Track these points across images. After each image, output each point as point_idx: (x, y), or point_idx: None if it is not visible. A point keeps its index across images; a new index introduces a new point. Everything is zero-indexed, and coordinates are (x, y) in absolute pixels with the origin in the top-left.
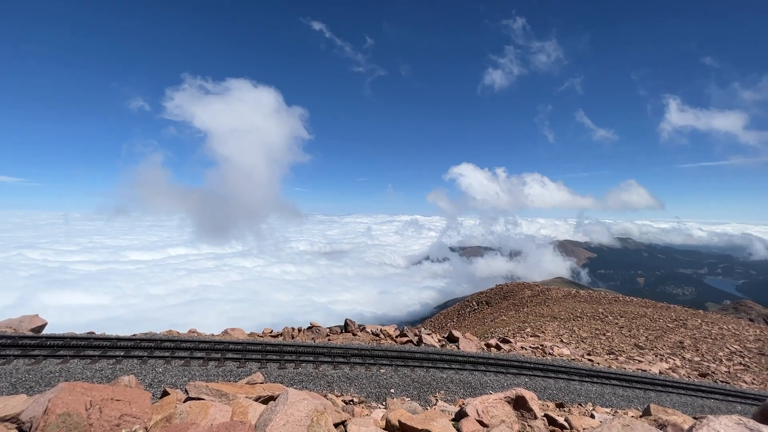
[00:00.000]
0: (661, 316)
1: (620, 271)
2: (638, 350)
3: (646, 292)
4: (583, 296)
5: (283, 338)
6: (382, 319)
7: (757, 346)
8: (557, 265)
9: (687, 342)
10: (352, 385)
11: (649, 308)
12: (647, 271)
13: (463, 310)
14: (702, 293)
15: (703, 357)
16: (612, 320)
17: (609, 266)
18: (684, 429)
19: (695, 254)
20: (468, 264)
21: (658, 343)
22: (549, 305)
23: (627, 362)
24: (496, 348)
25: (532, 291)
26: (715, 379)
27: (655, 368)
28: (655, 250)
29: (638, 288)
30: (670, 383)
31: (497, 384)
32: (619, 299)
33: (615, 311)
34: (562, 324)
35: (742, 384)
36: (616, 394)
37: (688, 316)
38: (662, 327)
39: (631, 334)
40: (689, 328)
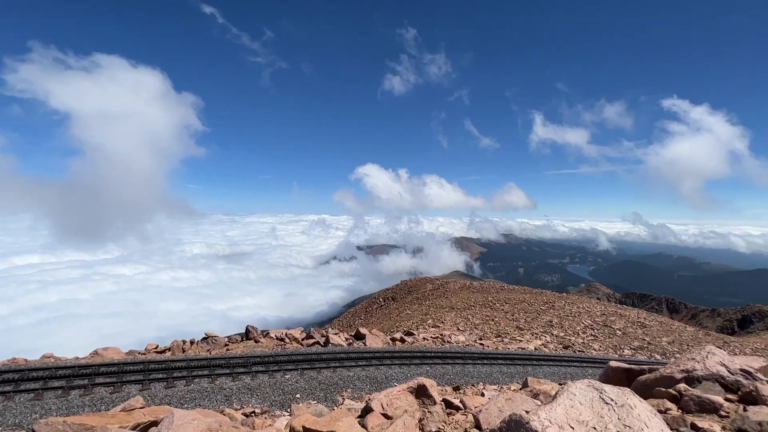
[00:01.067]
0: (536, 300)
1: (505, 263)
2: (519, 331)
3: (525, 281)
4: (475, 287)
5: (172, 353)
6: (288, 322)
7: (602, 319)
8: (454, 259)
9: (555, 321)
10: (253, 396)
11: (527, 294)
12: (526, 262)
13: (371, 307)
14: (565, 279)
15: (566, 332)
16: (499, 307)
17: (497, 259)
18: (551, 394)
19: (560, 247)
20: (375, 262)
21: (534, 323)
22: (448, 297)
23: (510, 342)
24: (400, 341)
25: (433, 285)
26: (575, 349)
27: (532, 345)
28: (531, 244)
29: (519, 277)
30: (542, 357)
31: (402, 376)
32: (504, 288)
33: (501, 299)
34: (459, 313)
35: (593, 351)
36: (502, 372)
37: (556, 299)
38: (537, 309)
39: (514, 318)
40: (556, 309)
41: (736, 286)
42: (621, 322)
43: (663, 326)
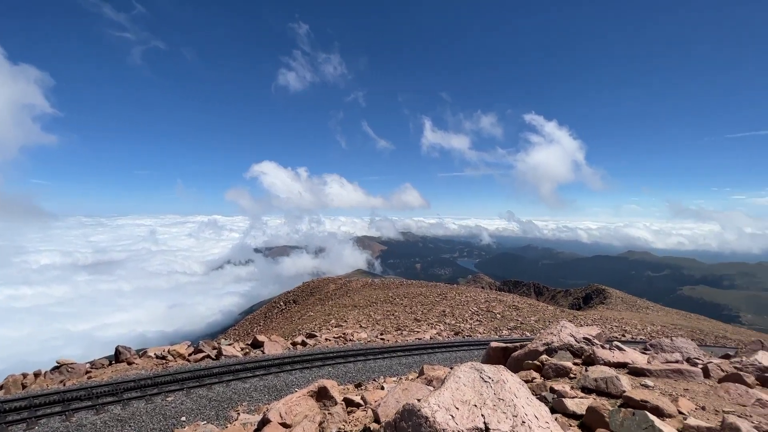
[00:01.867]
0: (432, 293)
1: (404, 260)
2: (417, 323)
3: (422, 275)
4: (377, 284)
5: (5, 392)
6: (173, 337)
7: (486, 305)
8: (356, 258)
9: (447, 310)
10: (125, 428)
11: (423, 288)
12: (422, 258)
13: (271, 311)
14: (456, 271)
15: (457, 319)
16: (399, 302)
17: (396, 256)
18: (443, 379)
19: (451, 242)
20: (275, 264)
21: (430, 314)
22: (350, 296)
23: (409, 334)
24: (302, 345)
25: (335, 284)
26: (464, 335)
27: (428, 335)
28: (427, 241)
29: (417, 272)
30: (437, 345)
31: (303, 380)
32: (403, 283)
33: (401, 294)
34: (361, 311)
35: (478, 335)
36: (401, 364)
37: (448, 291)
38: (432, 301)
39: (412, 311)
40: (449, 300)
41: (582, 270)
42: (500, 307)
43: (531, 307)
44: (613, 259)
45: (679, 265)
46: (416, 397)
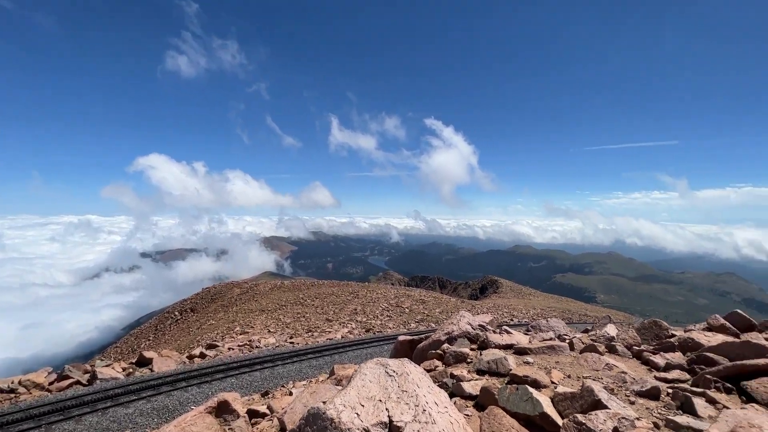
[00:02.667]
0: (343, 292)
1: (315, 260)
2: (328, 323)
3: (334, 275)
4: (287, 286)
5: None
6: (29, 364)
7: (395, 301)
8: (264, 259)
9: (359, 308)
10: None
11: (335, 287)
12: (334, 257)
13: (163, 323)
14: (367, 270)
15: (368, 317)
16: (310, 303)
17: (307, 256)
18: (349, 376)
19: (363, 241)
20: (167, 269)
21: (341, 313)
22: (258, 300)
23: (320, 335)
24: (201, 357)
25: (241, 289)
26: (375, 331)
27: (339, 334)
28: (338, 240)
29: (328, 272)
30: (348, 344)
31: (202, 396)
32: (314, 284)
33: (312, 295)
34: (270, 315)
35: (388, 330)
36: (312, 366)
37: (359, 289)
38: (344, 300)
39: (324, 311)
40: (360, 298)
41: (480, 263)
42: (408, 302)
43: (436, 300)
44: (504, 253)
45: (553, 256)
46: (323, 399)
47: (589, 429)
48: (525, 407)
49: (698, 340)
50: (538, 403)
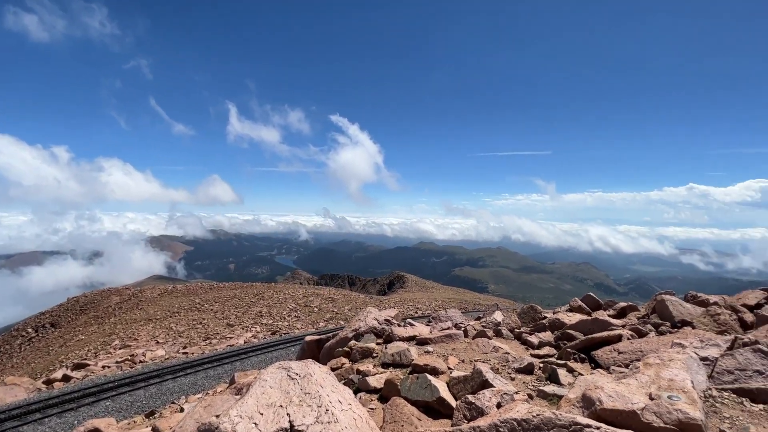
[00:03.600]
0: (247, 294)
1: (215, 260)
2: (230, 328)
3: (236, 276)
4: (180, 291)
5: None
6: None
7: (304, 301)
8: (151, 262)
9: (264, 310)
10: None
11: (237, 290)
12: (237, 257)
13: (9, 344)
14: (274, 269)
15: (275, 318)
16: (208, 308)
17: (205, 257)
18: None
19: (269, 240)
20: (16, 277)
21: (245, 317)
22: (143, 308)
23: (219, 342)
24: (63, 381)
25: (121, 296)
26: (282, 333)
27: (242, 340)
28: (242, 239)
29: (230, 273)
30: (251, 349)
31: (64, 428)
32: (214, 287)
33: (210, 299)
34: (159, 324)
35: (296, 331)
36: (209, 377)
37: (265, 290)
38: (248, 303)
39: (225, 316)
40: (266, 299)
41: (388, 260)
42: (317, 301)
43: (346, 298)
44: (410, 250)
45: (453, 252)
46: (218, 412)
47: (478, 407)
48: (424, 394)
49: (562, 319)
50: (435, 389)
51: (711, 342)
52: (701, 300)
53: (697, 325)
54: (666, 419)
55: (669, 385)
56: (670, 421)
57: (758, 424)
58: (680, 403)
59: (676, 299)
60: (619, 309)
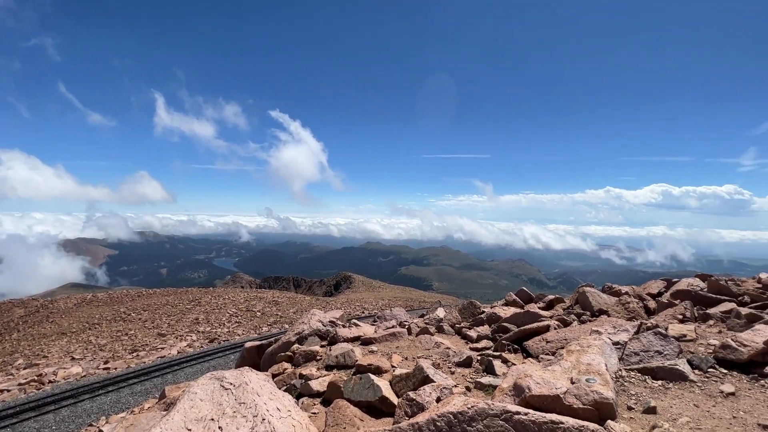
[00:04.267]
0: (181, 301)
1: (144, 265)
2: (161, 338)
3: (169, 281)
4: (102, 300)
5: None
6: None
7: (246, 305)
8: (64, 268)
9: (201, 317)
10: None
11: (170, 296)
12: (169, 261)
13: None
14: (212, 273)
15: (213, 325)
16: (135, 317)
17: (132, 261)
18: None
19: (206, 241)
20: None
21: (179, 325)
22: (55, 320)
23: (149, 354)
24: None
25: (26, 309)
26: (220, 340)
27: (175, 350)
28: (175, 241)
29: (162, 279)
30: (186, 359)
31: None
32: (142, 294)
33: (138, 307)
34: (74, 338)
35: (237, 337)
36: (135, 393)
37: (202, 295)
38: (182, 310)
39: (155, 325)
40: (203, 305)
41: (334, 260)
42: (260, 304)
43: (290, 300)
44: (357, 250)
45: (399, 251)
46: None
47: (419, 403)
48: (367, 394)
49: (499, 313)
50: (378, 388)
51: (622, 328)
52: (615, 290)
53: (611, 313)
54: (584, 400)
55: (587, 369)
56: (587, 401)
57: (657, 398)
58: (596, 384)
59: (595, 291)
60: (547, 301)
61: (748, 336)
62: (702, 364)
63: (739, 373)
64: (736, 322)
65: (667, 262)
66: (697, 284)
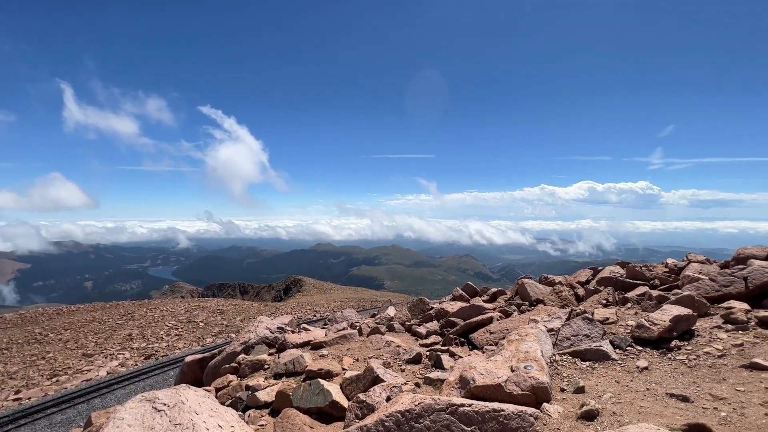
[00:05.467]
0: (111, 316)
1: (64, 279)
2: (87, 360)
3: (96, 295)
4: (10, 320)
5: None
6: None
7: (186, 316)
8: None
9: (135, 332)
10: None
11: (98, 311)
12: (96, 272)
13: None
14: (147, 284)
15: (149, 341)
16: (54, 337)
17: (48, 276)
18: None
19: (139, 250)
20: None
21: (108, 343)
22: None
23: (72, 379)
24: None
25: None
26: (158, 356)
27: (104, 371)
28: (102, 250)
29: (87, 293)
30: (116, 380)
31: None
32: (62, 311)
33: (58, 326)
34: None
35: (177, 351)
36: (53, 423)
37: (135, 308)
38: (112, 326)
39: (79, 345)
40: (137, 319)
41: (283, 264)
42: (203, 314)
43: (237, 308)
44: (307, 252)
45: (350, 251)
46: None
47: (369, 404)
48: (317, 401)
49: (446, 308)
50: (328, 393)
51: (555, 315)
52: (550, 281)
53: (547, 302)
54: (523, 386)
55: (525, 356)
56: (525, 387)
57: (585, 378)
58: (533, 371)
59: (532, 281)
60: (491, 294)
61: (658, 315)
62: (622, 344)
63: (652, 349)
64: (648, 303)
65: (594, 252)
66: (618, 271)
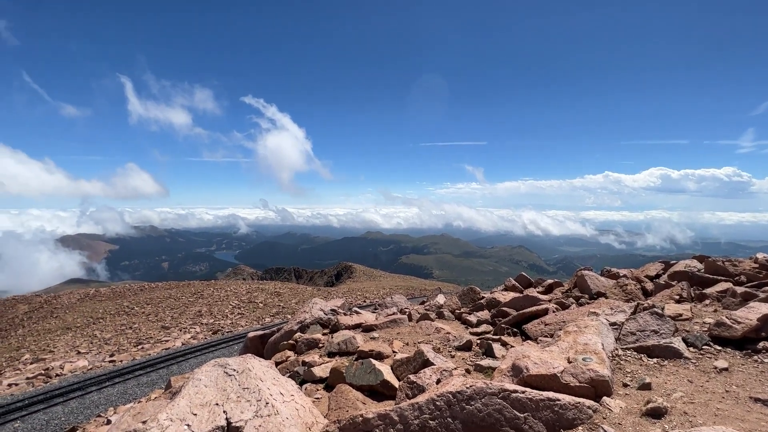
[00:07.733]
0: (184, 294)
1: (145, 259)
2: (165, 331)
3: (171, 275)
4: (104, 294)
5: None
6: None
7: (248, 297)
8: (64, 264)
9: (204, 309)
10: None
11: (173, 289)
12: (170, 254)
13: None
14: (213, 266)
15: (216, 317)
16: (139, 310)
17: (132, 256)
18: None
19: (207, 235)
20: None
21: (182, 318)
22: (60, 316)
23: (153, 347)
24: None
25: (29, 305)
26: (224, 332)
27: (179, 342)
28: (175, 235)
29: (163, 272)
30: (190, 350)
31: None
32: (144, 288)
33: (141, 301)
34: (80, 332)
35: (240, 328)
36: (141, 384)
37: (204, 288)
38: (185, 303)
39: (158, 318)
40: (206, 297)
41: (335, 251)
42: (262, 296)
43: (292, 291)
44: (357, 240)
45: (399, 240)
46: (150, 416)
47: (419, 385)
48: (369, 379)
49: (498, 298)
50: (379, 372)
51: (619, 309)
52: (613, 274)
53: (609, 295)
54: (580, 378)
55: (584, 348)
56: (583, 379)
57: (652, 375)
58: (592, 363)
59: (593, 274)
60: (546, 286)
61: (743, 313)
62: (697, 342)
63: (733, 349)
64: (731, 300)
65: (666, 246)
66: (695, 265)
